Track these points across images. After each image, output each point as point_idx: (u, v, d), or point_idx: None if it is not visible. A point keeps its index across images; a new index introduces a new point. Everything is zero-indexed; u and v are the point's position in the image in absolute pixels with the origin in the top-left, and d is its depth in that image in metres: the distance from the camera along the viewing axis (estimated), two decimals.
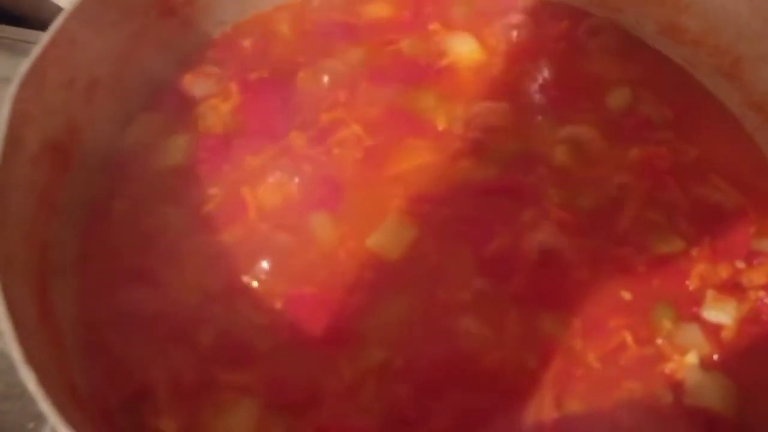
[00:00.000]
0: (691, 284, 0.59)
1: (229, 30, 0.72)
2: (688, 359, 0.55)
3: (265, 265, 0.58)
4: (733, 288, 0.58)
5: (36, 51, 0.54)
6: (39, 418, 0.65)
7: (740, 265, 0.60)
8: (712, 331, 0.57)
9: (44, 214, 0.56)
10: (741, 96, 0.68)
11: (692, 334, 0.56)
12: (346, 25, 0.72)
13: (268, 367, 0.54)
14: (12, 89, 0.52)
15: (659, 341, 0.56)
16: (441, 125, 0.66)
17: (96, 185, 0.61)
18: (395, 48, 0.71)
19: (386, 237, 0.60)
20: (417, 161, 0.64)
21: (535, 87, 0.69)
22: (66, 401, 0.46)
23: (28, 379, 0.42)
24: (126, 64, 0.64)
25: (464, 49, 0.71)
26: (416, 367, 0.54)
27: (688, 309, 0.58)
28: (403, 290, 0.58)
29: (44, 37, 0.55)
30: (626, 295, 0.58)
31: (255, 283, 0.57)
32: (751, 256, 0.60)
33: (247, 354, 0.54)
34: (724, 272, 0.59)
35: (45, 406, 0.40)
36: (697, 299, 0.58)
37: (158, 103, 0.66)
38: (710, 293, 0.58)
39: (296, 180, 0.62)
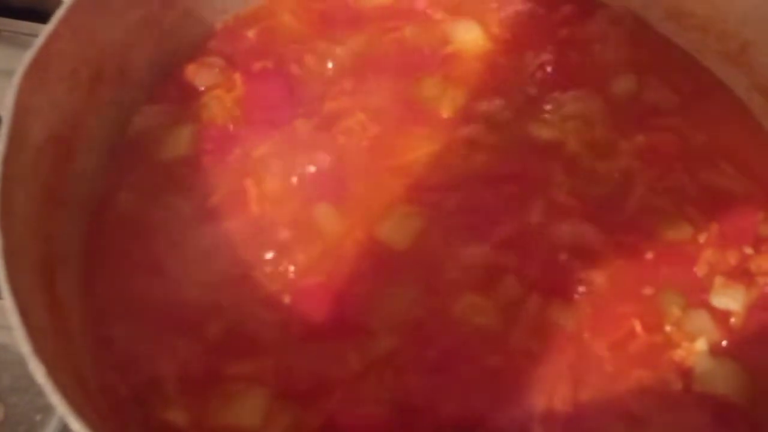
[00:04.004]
0: (700, 271, 0.58)
1: (232, 19, 0.71)
2: (697, 346, 0.55)
3: (271, 255, 0.58)
4: (741, 274, 0.58)
5: (39, 42, 0.54)
6: (46, 410, 0.65)
7: (748, 250, 0.59)
8: (721, 317, 0.57)
9: (49, 207, 0.55)
10: (749, 81, 0.68)
11: (701, 320, 0.56)
12: (349, 13, 0.71)
13: (276, 357, 0.54)
14: (15, 81, 0.51)
15: (668, 328, 0.56)
16: (446, 113, 0.66)
17: (100, 177, 0.61)
18: (399, 35, 0.70)
19: (393, 227, 0.59)
20: (422, 150, 0.63)
21: (540, 74, 0.68)
22: (75, 393, 0.46)
23: (38, 372, 0.41)
24: (129, 55, 0.64)
25: (469, 36, 0.70)
26: (424, 356, 0.54)
27: (696, 296, 0.57)
28: (410, 279, 0.57)
29: (47, 28, 0.54)
30: (634, 283, 0.57)
31: (261, 274, 0.57)
32: (759, 242, 0.60)
33: (254, 345, 0.54)
34: (732, 258, 0.59)
35: (55, 398, 0.40)
36: (705, 286, 0.58)
37: (162, 94, 0.66)
38: (719, 279, 0.58)
39: (301, 170, 0.61)
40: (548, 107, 0.66)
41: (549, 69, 0.68)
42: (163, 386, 0.53)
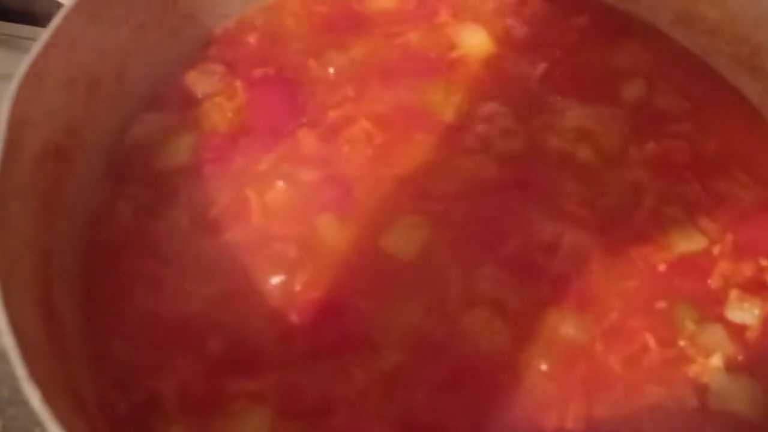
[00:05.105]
0: (714, 283, 0.57)
1: (233, 24, 0.70)
2: (712, 361, 0.53)
3: (273, 268, 0.56)
4: (757, 286, 0.57)
5: (35, 50, 0.52)
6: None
7: (764, 262, 0.58)
8: (737, 331, 0.55)
9: (46, 219, 0.54)
10: (761, 86, 0.66)
11: (716, 335, 0.55)
12: (353, 17, 0.70)
13: (279, 374, 0.52)
14: (11, 90, 0.50)
15: (682, 343, 0.54)
16: (452, 120, 0.64)
17: (99, 188, 0.60)
18: (404, 40, 0.69)
19: (399, 237, 0.58)
20: (428, 158, 0.62)
21: (547, 80, 0.67)
22: (72, 414, 0.45)
23: (32, 396, 0.40)
24: (127, 62, 0.62)
25: (475, 41, 0.69)
26: (431, 372, 0.53)
27: (711, 309, 0.56)
28: (416, 292, 0.56)
29: (44, 35, 0.53)
30: (646, 295, 0.56)
31: (263, 288, 0.56)
32: None
33: (257, 361, 0.53)
34: (747, 270, 0.57)
35: (51, 425, 0.39)
36: (720, 299, 0.56)
37: (161, 102, 0.64)
38: (734, 292, 0.56)
39: (305, 179, 0.60)
40: (556, 114, 0.64)
41: (557, 74, 0.67)
42: (163, 404, 0.51)
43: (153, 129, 0.63)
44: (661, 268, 0.57)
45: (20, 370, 0.41)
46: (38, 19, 0.87)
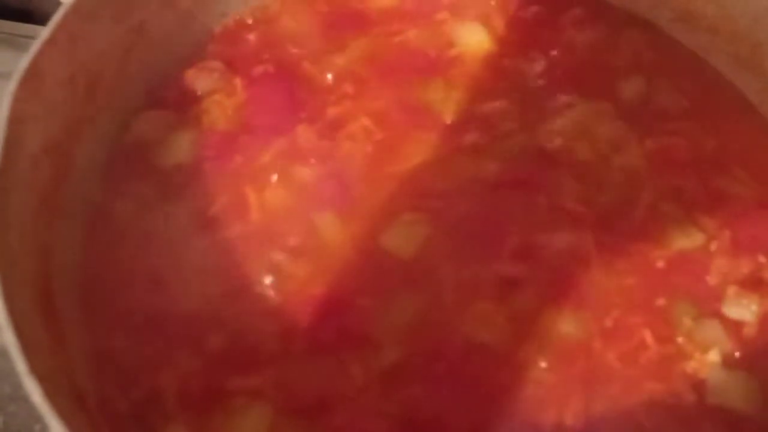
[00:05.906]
0: (712, 280, 0.57)
1: (232, 22, 0.70)
2: (710, 357, 0.54)
3: (272, 266, 0.56)
4: (755, 283, 0.57)
5: (34, 47, 0.52)
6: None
7: (762, 259, 0.58)
8: (734, 328, 0.55)
9: (46, 217, 0.54)
10: (760, 84, 0.66)
11: (714, 331, 0.55)
12: (353, 16, 0.70)
13: (279, 370, 0.53)
14: (10, 88, 0.50)
15: (680, 339, 0.55)
16: (451, 118, 0.64)
17: (98, 185, 0.60)
18: (403, 38, 0.69)
19: (398, 234, 0.58)
20: (427, 156, 0.62)
21: (545, 77, 0.67)
22: (73, 410, 0.45)
23: (33, 392, 0.40)
24: (127, 60, 0.62)
25: (473, 39, 0.69)
26: (431, 369, 0.53)
27: (708, 305, 0.56)
28: (415, 290, 0.56)
29: (43, 33, 0.53)
30: (645, 292, 0.56)
31: (263, 286, 0.56)
32: None
33: (256, 358, 0.53)
34: (745, 267, 0.57)
35: (52, 420, 0.39)
36: (717, 295, 0.56)
37: (161, 99, 0.64)
38: (731, 289, 0.56)
39: (304, 177, 0.60)
40: (555, 111, 0.65)
41: (556, 72, 0.67)
42: (163, 401, 0.52)
43: (152, 126, 0.63)
44: (660, 264, 0.57)
45: (21, 366, 0.41)
46: (38, 18, 0.87)
